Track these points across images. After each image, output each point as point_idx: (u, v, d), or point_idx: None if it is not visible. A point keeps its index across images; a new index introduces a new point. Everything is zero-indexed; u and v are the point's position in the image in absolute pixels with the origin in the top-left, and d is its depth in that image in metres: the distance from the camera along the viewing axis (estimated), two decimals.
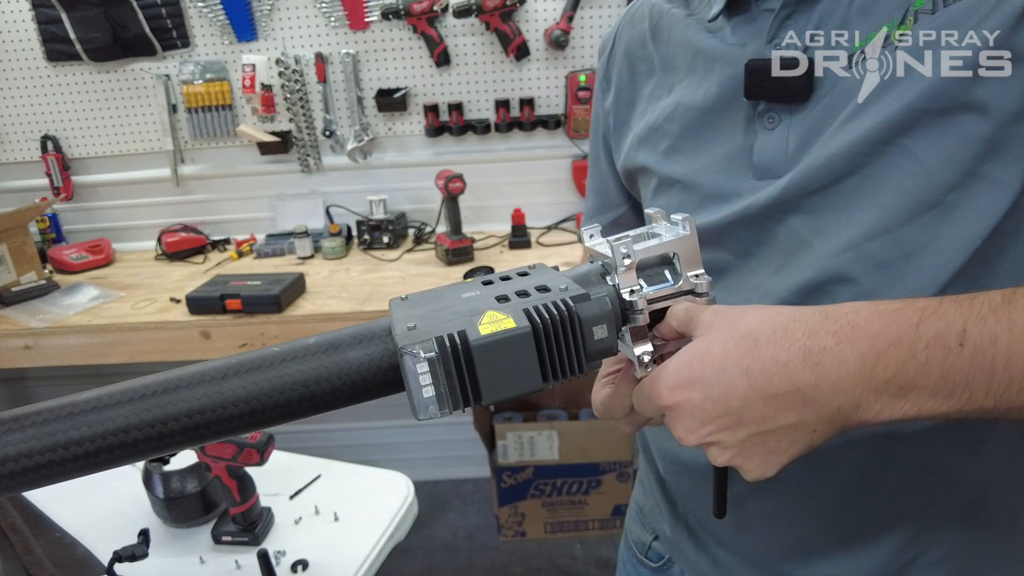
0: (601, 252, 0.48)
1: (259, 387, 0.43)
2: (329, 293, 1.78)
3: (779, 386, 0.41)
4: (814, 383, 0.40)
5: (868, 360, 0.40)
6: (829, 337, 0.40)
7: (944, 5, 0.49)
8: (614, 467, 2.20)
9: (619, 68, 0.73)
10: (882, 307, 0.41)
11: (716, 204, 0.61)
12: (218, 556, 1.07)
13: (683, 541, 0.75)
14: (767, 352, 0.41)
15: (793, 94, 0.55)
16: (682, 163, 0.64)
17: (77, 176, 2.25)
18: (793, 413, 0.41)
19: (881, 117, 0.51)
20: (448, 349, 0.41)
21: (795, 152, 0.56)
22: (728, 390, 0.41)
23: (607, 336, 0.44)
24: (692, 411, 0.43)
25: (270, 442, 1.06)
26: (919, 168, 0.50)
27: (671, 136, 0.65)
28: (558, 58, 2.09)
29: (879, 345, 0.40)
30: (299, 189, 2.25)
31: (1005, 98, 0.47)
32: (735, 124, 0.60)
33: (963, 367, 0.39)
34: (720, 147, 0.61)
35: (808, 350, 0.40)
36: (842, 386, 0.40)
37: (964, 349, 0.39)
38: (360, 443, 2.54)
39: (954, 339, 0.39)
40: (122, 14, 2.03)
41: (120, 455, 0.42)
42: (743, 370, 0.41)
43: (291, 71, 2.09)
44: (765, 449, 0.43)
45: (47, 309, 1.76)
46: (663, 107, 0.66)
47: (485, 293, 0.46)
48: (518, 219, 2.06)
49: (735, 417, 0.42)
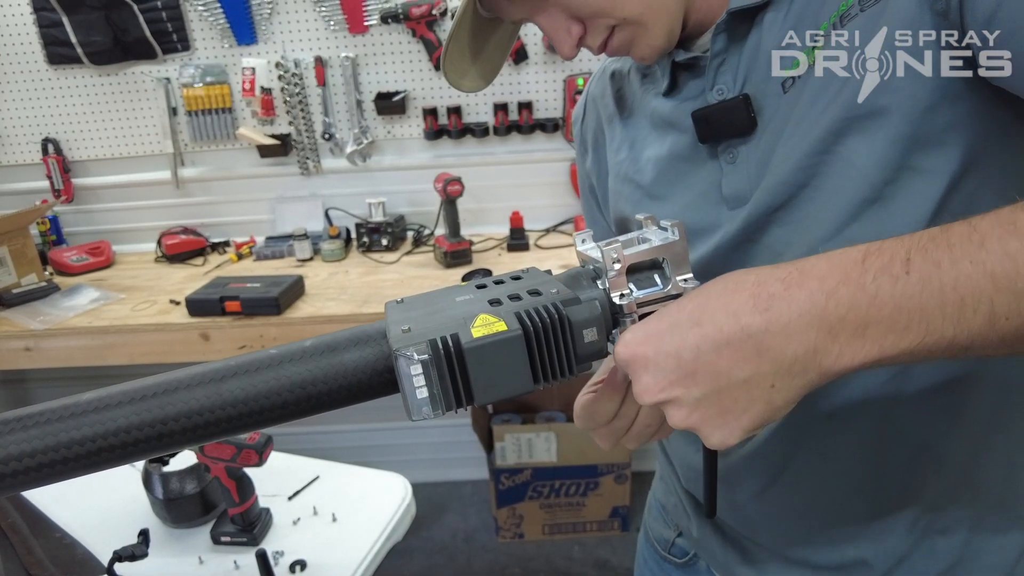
0: (592, 257, 0.49)
1: (257, 388, 0.44)
2: (328, 295, 1.79)
3: (729, 334, 0.41)
4: (764, 328, 0.40)
5: (818, 300, 0.40)
6: (777, 284, 0.41)
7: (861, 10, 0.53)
8: (612, 469, 2.21)
9: (593, 131, 0.80)
10: (829, 253, 0.42)
11: (699, 239, 0.65)
12: (217, 556, 1.07)
13: (709, 538, 0.77)
14: (718, 303, 0.42)
15: (739, 130, 0.60)
16: (660, 207, 0.68)
17: (77, 178, 2.26)
18: (747, 365, 0.41)
19: (817, 131, 0.55)
20: (441, 351, 0.42)
21: (757, 177, 0.60)
22: (680, 342, 0.42)
23: (597, 339, 0.45)
24: (646, 365, 0.43)
25: (269, 443, 1.07)
26: (855, 171, 0.54)
27: (644, 185, 0.70)
28: (556, 62, 2.11)
29: (828, 284, 0.40)
30: (298, 192, 2.26)
31: (916, 96, 0.51)
32: (701, 164, 0.65)
33: (913, 293, 0.38)
34: (693, 187, 0.66)
35: (757, 296, 0.41)
36: (794, 328, 0.40)
37: (911, 276, 0.39)
38: (359, 445, 2.55)
39: (899, 267, 0.39)
40: (123, 18, 2.05)
41: (121, 455, 0.43)
42: (694, 321, 0.42)
43: (291, 74, 2.10)
44: (723, 408, 0.42)
45: (47, 311, 1.77)
46: (629, 160, 0.72)
47: (478, 297, 0.47)
48: (516, 222, 2.07)
49: (688, 370, 0.42)
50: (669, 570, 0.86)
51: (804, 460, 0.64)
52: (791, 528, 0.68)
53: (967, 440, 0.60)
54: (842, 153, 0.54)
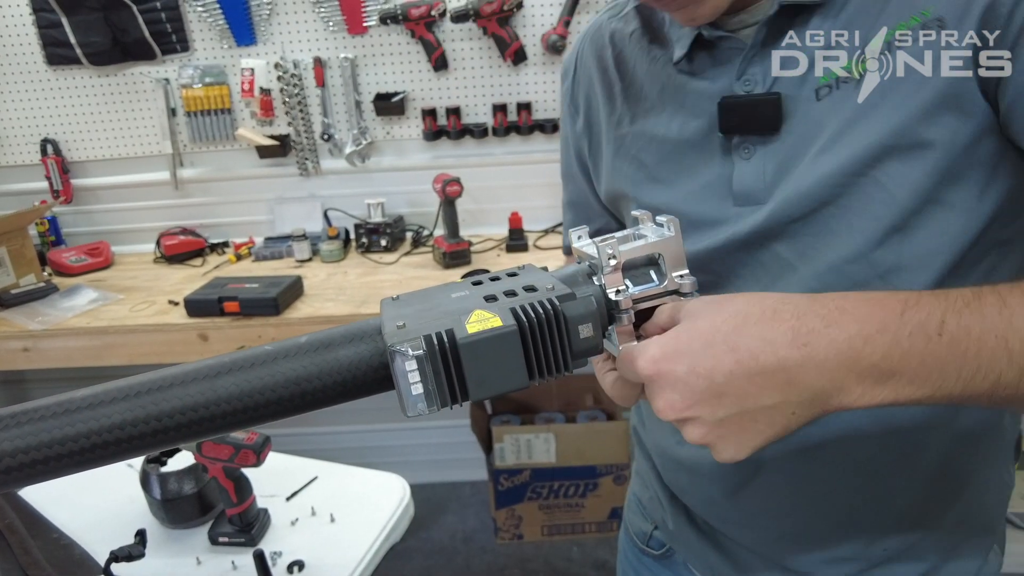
0: (588, 253, 0.49)
1: (251, 384, 0.44)
2: (327, 296, 1.79)
3: (765, 363, 0.41)
4: (800, 363, 0.41)
5: (856, 344, 0.41)
6: (817, 320, 0.41)
7: None
8: (611, 470, 2.21)
9: (585, 93, 0.76)
10: (868, 296, 0.43)
11: (700, 231, 0.63)
12: (215, 557, 1.07)
13: (685, 531, 0.77)
14: (755, 330, 0.41)
15: (765, 127, 0.59)
16: (662, 192, 0.66)
17: (76, 179, 2.26)
18: (776, 392, 0.41)
19: (854, 151, 0.54)
20: (436, 347, 0.42)
21: (772, 179, 0.59)
22: (714, 364, 0.41)
23: (593, 335, 0.45)
24: (675, 383, 0.42)
25: (267, 443, 1.07)
26: (889, 197, 0.54)
27: (648, 166, 0.67)
28: (555, 63, 2.11)
29: (867, 329, 0.41)
30: (297, 192, 2.26)
31: (959, 134, 0.51)
32: (711, 154, 0.63)
33: (941, 355, 0.40)
34: (699, 176, 0.64)
35: (796, 330, 0.41)
36: (828, 367, 0.41)
37: (943, 338, 0.40)
38: (357, 445, 2.55)
39: (934, 327, 0.41)
40: (122, 19, 2.05)
41: (115, 451, 0.43)
42: (730, 346, 0.41)
43: (290, 75, 2.10)
44: (741, 429, 0.42)
45: (46, 311, 1.77)
46: (632, 136, 0.69)
47: (474, 293, 0.47)
48: (515, 222, 2.07)
49: (717, 392, 0.41)
50: (647, 562, 0.87)
51: (776, 467, 0.65)
52: (764, 528, 0.69)
53: (918, 477, 0.63)
54: (877, 177, 0.54)
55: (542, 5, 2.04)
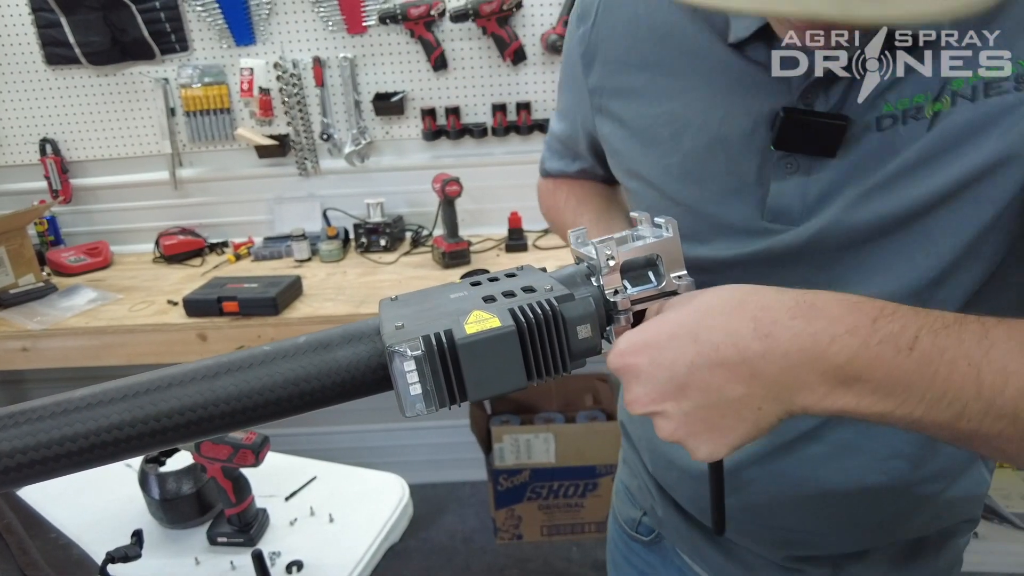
0: (586, 254, 0.49)
1: (250, 385, 0.44)
2: (326, 296, 1.79)
3: (726, 354, 0.41)
4: (762, 354, 0.40)
5: (822, 340, 0.40)
6: (783, 312, 0.41)
7: (985, 96, 0.49)
8: (611, 470, 2.20)
9: (606, 47, 0.66)
10: (843, 297, 0.42)
11: (725, 237, 0.60)
12: (213, 557, 1.07)
13: (674, 518, 0.78)
14: (718, 321, 0.41)
15: (822, 150, 0.54)
16: (690, 187, 0.61)
17: (75, 179, 2.26)
18: (740, 385, 0.41)
19: (913, 197, 0.51)
20: (434, 348, 0.42)
21: (814, 203, 0.55)
22: (676, 355, 0.42)
23: (591, 335, 0.45)
24: (638, 375, 0.43)
25: (265, 443, 1.07)
26: (933, 247, 0.52)
27: (678, 153, 0.61)
28: (555, 62, 2.11)
29: (835, 329, 0.40)
30: (297, 192, 2.26)
31: (1012, 188, 0.49)
32: (749, 159, 0.57)
33: (909, 369, 0.39)
34: (731, 178, 0.58)
35: (759, 320, 0.41)
36: (792, 361, 0.40)
37: (912, 353, 0.39)
38: (357, 446, 2.55)
39: (906, 342, 0.39)
40: (121, 18, 2.04)
41: (113, 451, 0.43)
42: (692, 338, 0.41)
43: (289, 75, 2.10)
44: (710, 425, 0.42)
45: (45, 311, 1.77)
46: (661, 113, 0.61)
47: (472, 293, 0.47)
48: (515, 222, 2.07)
49: (680, 383, 0.42)
50: (636, 548, 0.88)
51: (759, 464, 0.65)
52: (751, 523, 0.69)
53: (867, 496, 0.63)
54: (928, 227, 0.52)
55: (542, 5, 2.04)
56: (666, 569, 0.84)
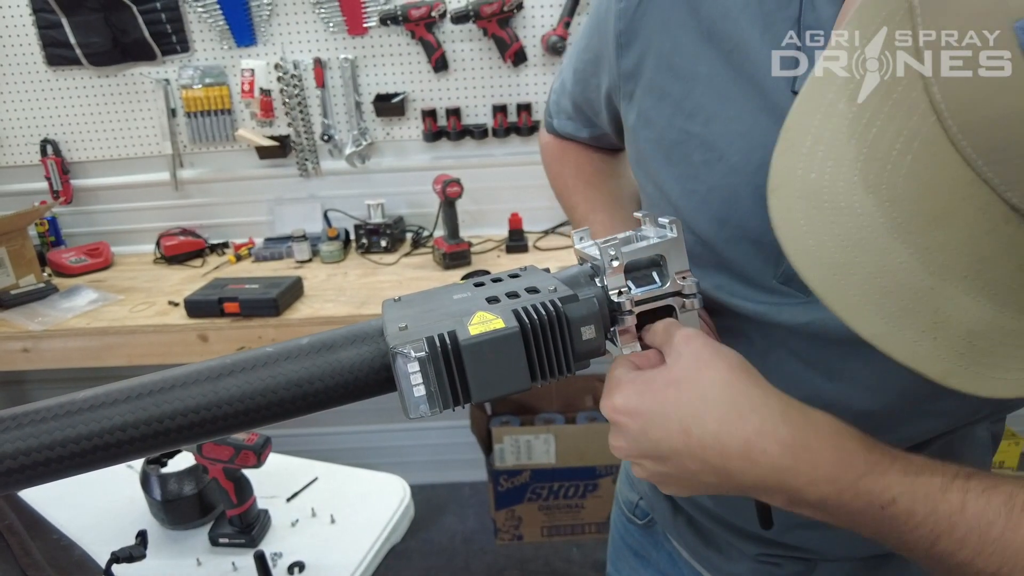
0: (590, 254, 0.49)
1: (253, 386, 0.44)
2: (327, 296, 1.79)
3: (709, 457, 0.42)
4: (741, 471, 0.42)
5: (800, 481, 0.41)
6: (776, 444, 0.41)
7: None
8: (611, 471, 2.20)
9: (651, 33, 0.56)
10: (839, 441, 0.42)
11: (735, 282, 0.57)
12: (215, 558, 1.07)
13: (661, 503, 0.80)
14: (712, 426, 0.42)
15: None
16: (709, 222, 0.55)
17: (76, 180, 2.26)
18: (713, 477, 0.43)
19: None
20: (438, 349, 0.42)
21: None
22: (663, 437, 0.43)
23: (595, 336, 0.45)
24: (626, 434, 0.45)
25: (267, 444, 1.07)
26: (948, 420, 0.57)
27: (704, 184, 0.54)
28: (555, 63, 2.11)
29: (817, 476, 0.41)
30: (297, 193, 2.26)
31: None
32: None
33: (875, 520, 0.41)
34: (752, 228, 0.53)
35: (751, 445, 0.41)
36: (766, 485, 0.42)
37: (885, 512, 0.41)
38: (358, 446, 2.54)
39: (881, 502, 0.41)
40: (122, 19, 2.04)
41: (116, 453, 0.43)
42: (683, 428, 0.43)
43: (290, 76, 2.10)
44: (681, 485, 0.46)
45: (45, 312, 1.77)
46: (696, 135, 0.54)
47: (476, 294, 0.47)
48: (515, 223, 2.07)
49: (660, 457, 0.44)
50: (632, 530, 0.90)
51: None
52: (744, 511, 0.69)
53: None
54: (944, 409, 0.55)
55: (542, 6, 2.04)
56: (657, 552, 0.86)
